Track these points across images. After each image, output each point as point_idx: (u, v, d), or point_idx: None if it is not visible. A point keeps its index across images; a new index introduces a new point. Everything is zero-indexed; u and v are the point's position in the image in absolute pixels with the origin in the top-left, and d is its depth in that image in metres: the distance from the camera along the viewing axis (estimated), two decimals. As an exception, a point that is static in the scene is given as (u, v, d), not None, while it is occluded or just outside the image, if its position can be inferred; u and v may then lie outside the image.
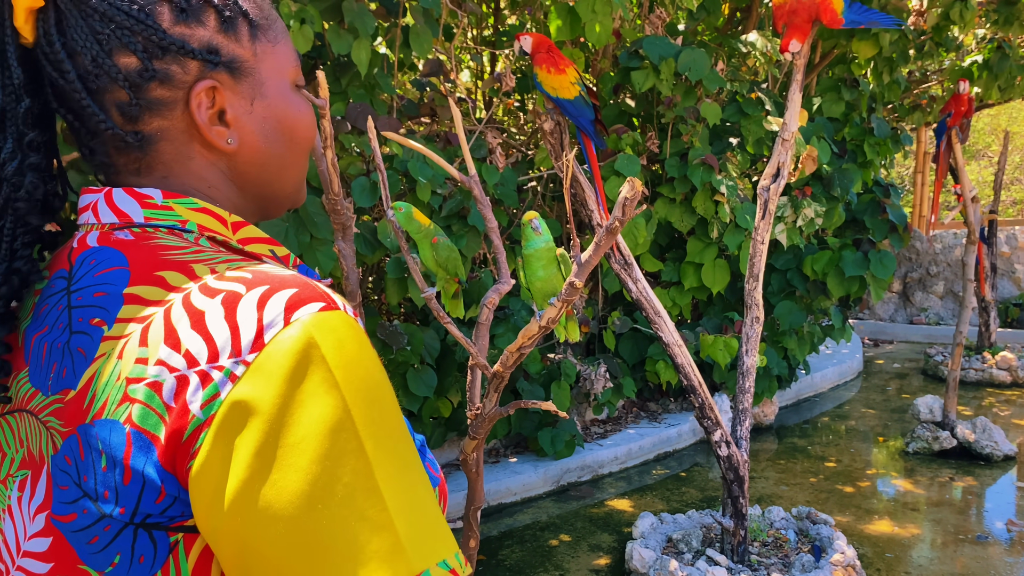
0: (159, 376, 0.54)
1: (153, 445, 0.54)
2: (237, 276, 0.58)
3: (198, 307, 0.56)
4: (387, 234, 3.56)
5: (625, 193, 1.62)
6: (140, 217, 0.65)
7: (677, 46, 4.75)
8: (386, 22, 3.77)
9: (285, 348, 0.54)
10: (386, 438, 0.55)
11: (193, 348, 0.54)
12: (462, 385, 4.16)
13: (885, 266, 5.11)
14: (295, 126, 0.72)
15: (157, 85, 0.64)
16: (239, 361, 0.54)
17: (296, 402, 0.53)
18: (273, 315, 0.55)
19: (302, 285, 0.58)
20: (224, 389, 0.53)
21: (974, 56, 6.69)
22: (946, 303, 9.65)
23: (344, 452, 0.53)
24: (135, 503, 0.55)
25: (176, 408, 0.54)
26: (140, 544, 0.56)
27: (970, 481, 4.65)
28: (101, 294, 0.60)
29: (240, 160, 0.69)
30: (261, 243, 0.69)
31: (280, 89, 0.70)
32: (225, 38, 0.66)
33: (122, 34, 0.62)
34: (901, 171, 15.78)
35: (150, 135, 0.65)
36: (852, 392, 7.01)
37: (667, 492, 4.52)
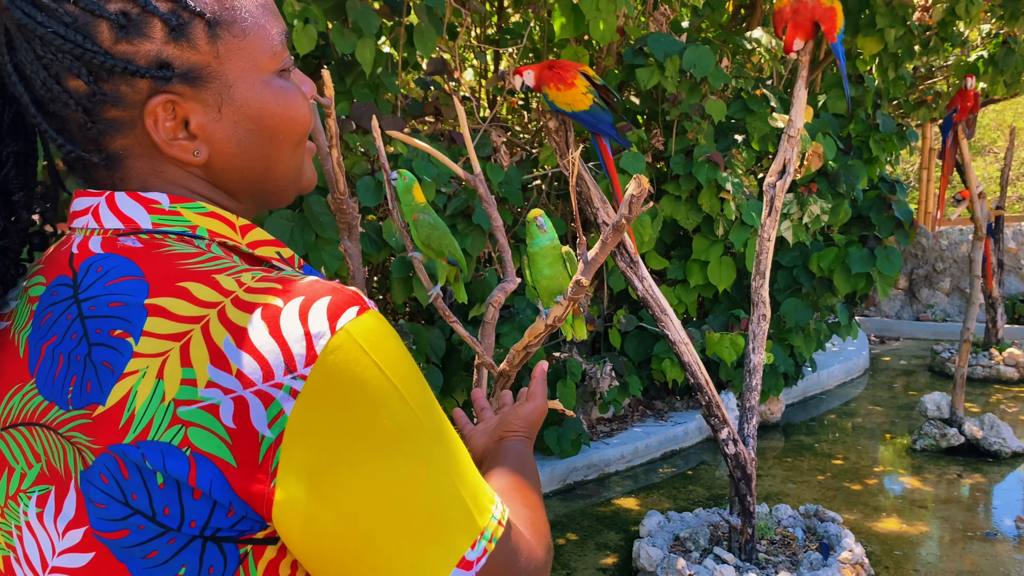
0: (214, 399, 0.54)
1: (218, 467, 0.54)
2: (268, 287, 0.58)
3: (238, 324, 0.56)
4: (392, 233, 3.55)
5: (632, 190, 1.61)
6: (148, 223, 0.63)
7: (682, 43, 4.74)
8: (390, 21, 3.77)
9: (339, 358, 0.55)
10: (435, 420, 0.60)
11: (246, 368, 0.55)
12: (468, 384, 4.16)
13: (892, 262, 5.09)
14: (276, 121, 0.67)
15: (110, 107, 0.61)
16: (296, 376, 0.55)
17: (360, 406, 0.55)
18: (319, 326, 0.56)
19: (332, 290, 0.58)
20: (287, 406, 0.54)
21: (980, 51, 6.67)
22: (953, 300, 9.61)
23: (416, 443, 0.57)
24: (206, 518, 0.56)
25: (240, 430, 0.54)
26: (209, 555, 0.57)
27: (978, 478, 4.63)
28: (118, 304, 0.58)
29: (216, 168, 0.66)
30: (268, 246, 0.69)
31: (253, 86, 0.65)
32: (177, 48, 0.60)
33: (63, 58, 0.59)
34: (907, 167, 15.74)
35: (115, 154, 0.63)
36: (859, 389, 6.99)
37: (674, 490, 4.52)
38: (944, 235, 9.54)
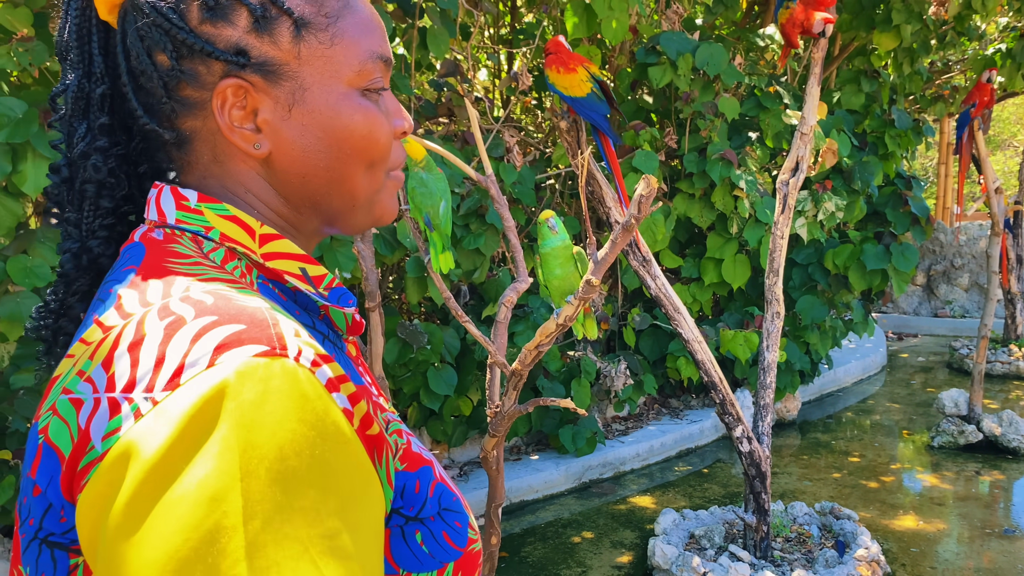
0: (83, 394, 0.51)
1: (59, 464, 0.51)
2: (198, 299, 0.53)
3: (145, 328, 0.52)
4: (406, 234, 3.58)
5: (641, 190, 1.63)
6: (172, 218, 0.63)
7: (694, 41, 4.74)
8: (403, 23, 3.80)
9: (194, 392, 0.47)
10: (283, 521, 0.45)
11: (118, 372, 0.50)
12: (482, 383, 4.18)
13: (907, 259, 5.06)
14: (346, 135, 0.65)
15: (186, 85, 0.62)
16: (148, 397, 0.48)
17: (183, 456, 0.46)
18: (200, 353, 0.49)
19: (255, 323, 0.51)
20: (126, 424, 0.48)
21: (997, 45, 6.61)
22: (971, 295, 9.54)
23: (218, 528, 0.44)
24: (40, 518, 0.52)
25: (83, 432, 0.50)
26: (43, 560, 0.53)
27: (997, 475, 4.60)
28: (110, 291, 0.59)
29: (277, 168, 0.65)
30: (290, 260, 0.65)
31: (330, 95, 0.64)
32: (257, 39, 0.62)
33: (158, 33, 0.61)
34: (924, 162, 15.61)
35: (186, 134, 0.64)
36: (876, 386, 6.95)
37: (689, 489, 4.52)
38: (962, 230, 9.47)
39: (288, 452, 0.47)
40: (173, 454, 0.46)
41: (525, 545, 3.81)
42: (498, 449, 2.27)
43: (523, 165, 4.39)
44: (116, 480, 0.47)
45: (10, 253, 2.61)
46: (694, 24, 5.64)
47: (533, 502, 4.31)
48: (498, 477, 2.31)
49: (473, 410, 4.24)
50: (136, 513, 0.45)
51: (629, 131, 4.77)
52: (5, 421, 2.84)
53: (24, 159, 2.52)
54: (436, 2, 3.61)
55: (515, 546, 3.80)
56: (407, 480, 0.63)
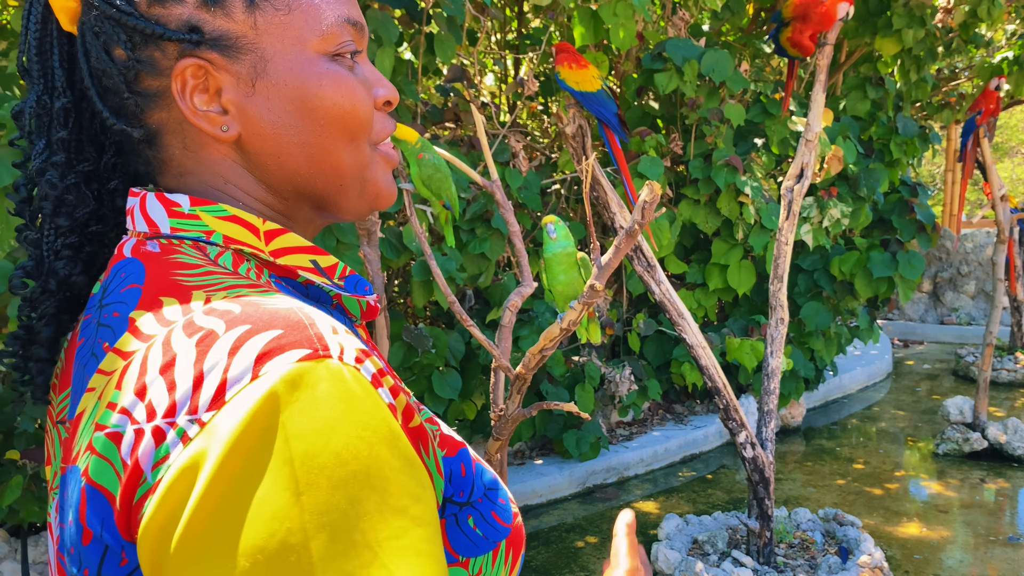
0: (120, 427, 0.48)
1: (110, 505, 0.48)
2: (224, 310, 0.50)
3: (174, 348, 0.49)
4: (412, 238, 3.60)
5: (644, 197, 1.64)
6: (167, 227, 0.59)
7: (700, 48, 4.75)
8: (410, 29, 3.82)
9: (241, 409, 0.45)
10: (348, 528, 0.44)
11: (155, 398, 0.47)
12: (486, 388, 4.19)
13: (914, 267, 5.06)
14: (318, 104, 0.60)
15: (145, 75, 0.59)
16: (194, 420, 0.46)
17: (240, 477, 0.44)
18: (241, 365, 0.46)
19: (291, 325, 0.49)
20: (175, 451, 0.46)
21: (1004, 52, 6.61)
22: (978, 303, 9.52)
23: (284, 547, 0.43)
24: (98, 566, 0.49)
25: (130, 466, 0.47)
26: None
27: (1002, 483, 4.59)
28: (116, 315, 0.55)
29: (250, 150, 0.61)
30: (300, 253, 0.62)
31: (294, 64, 0.60)
32: (209, 13, 0.58)
33: (110, 25, 0.58)
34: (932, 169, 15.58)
35: (153, 129, 0.61)
36: (881, 393, 6.94)
37: (693, 494, 4.52)
38: (969, 238, 9.46)
39: (346, 457, 0.45)
40: (228, 475, 0.44)
41: (528, 549, 3.82)
42: (502, 452, 2.28)
43: (529, 170, 4.41)
44: (174, 508, 0.45)
45: (18, 255, 2.64)
46: (700, 30, 5.66)
47: (537, 506, 4.31)
48: (502, 481, 2.32)
49: (477, 414, 4.26)
50: (201, 539, 0.43)
51: (635, 137, 4.78)
52: (13, 422, 2.86)
53: (34, 162, 2.54)
54: (443, 8, 3.63)
55: (518, 550, 3.80)
56: (452, 465, 0.61)
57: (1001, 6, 5.70)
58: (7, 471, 2.86)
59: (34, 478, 2.83)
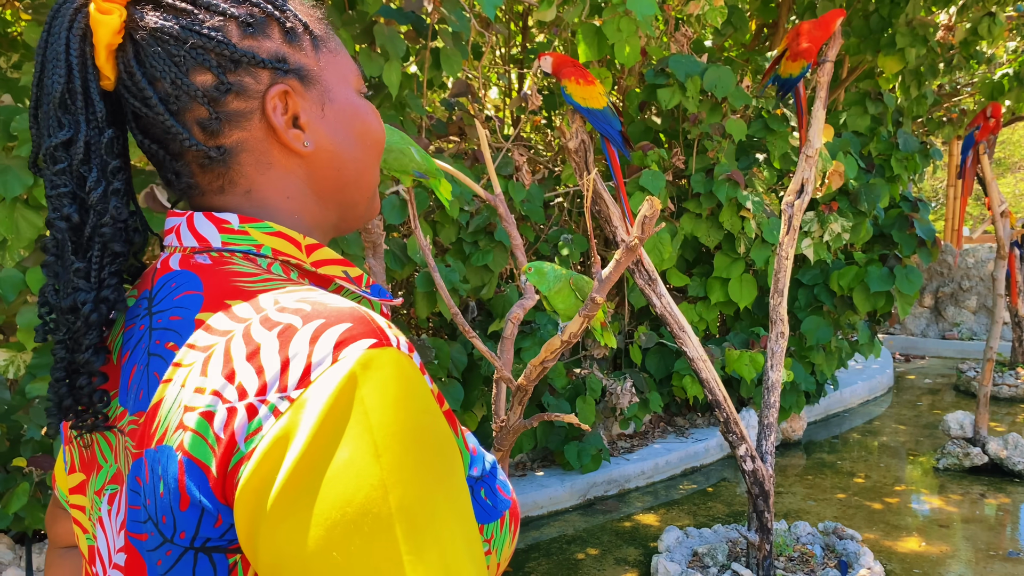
0: (212, 406, 0.55)
1: (205, 474, 0.55)
2: (296, 308, 0.58)
3: (256, 339, 0.57)
4: (416, 250, 3.64)
5: (644, 212, 1.67)
6: (218, 242, 0.66)
7: (703, 64, 4.80)
8: (416, 44, 3.87)
9: (328, 386, 0.53)
10: (419, 488, 0.53)
11: (245, 380, 0.55)
12: (488, 399, 4.22)
13: (911, 282, 5.09)
14: (365, 129, 0.74)
15: (233, 97, 0.67)
16: (284, 396, 0.54)
17: (329, 443, 0.52)
18: (323, 351, 0.55)
19: (358, 320, 0.57)
20: (267, 424, 0.54)
21: (1005, 69, 6.66)
22: (979, 318, 9.53)
23: (368, 500, 0.51)
24: (195, 528, 0.56)
25: (225, 439, 0.54)
26: (200, 568, 0.57)
27: (1002, 498, 4.60)
28: (176, 318, 0.62)
29: (317, 164, 0.72)
30: (335, 264, 0.71)
31: (346, 95, 0.73)
32: (291, 48, 0.69)
33: (196, 53, 0.65)
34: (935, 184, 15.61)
35: (231, 147, 0.68)
36: (882, 408, 6.95)
37: (694, 507, 4.53)
38: (970, 253, 9.48)
39: (410, 427, 0.54)
40: (320, 441, 0.52)
41: (529, 561, 3.83)
42: (503, 463, 2.30)
43: (532, 183, 4.45)
44: (269, 472, 0.52)
45: (29, 264, 2.67)
46: (703, 46, 5.71)
47: (538, 518, 4.33)
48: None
49: (479, 425, 4.28)
50: (296, 495, 0.51)
51: (637, 151, 4.82)
52: (20, 429, 2.89)
53: (45, 173, 2.58)
54: (449, 24, 3.68)
55: (519, 562, 3.82)
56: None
57: (1002, 24, 5.74)
58: (13, 478, 2.88)
59: (40, 485, 2.85)
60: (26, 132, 2.52)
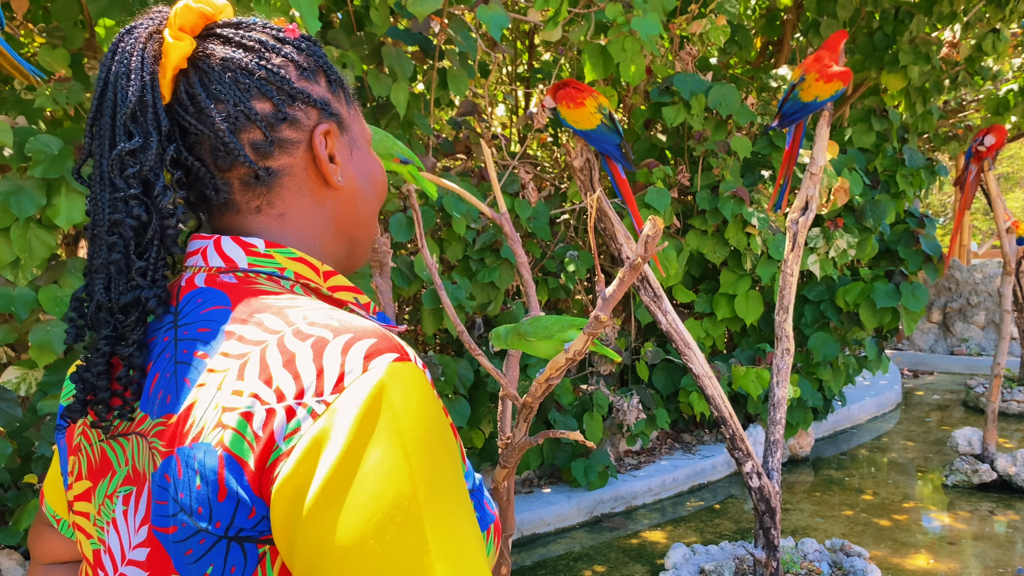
0: (251, 408, 0.61)
1: (243, 469, 0.60)
2: (326, 323, 0.65)
3: (290, 348, 0.63)
4: (423, 268, 3.66)
5: (647, 231, 1.69)
6: (244, 263, 0.73)
7: (707, 82, 4.83)
8: (423, 65, 3.92)
9: (361, 393, 0.60)
10: (439, 485, 0.60)
11: (283, 385, 0.61)
12: (494, 415, 4.23)
13: (917, 298, 5.09)
14: (377, 177, 0.84)
15: (287, 126, 0.75)
16: (321, 400, 0.60)
17: (363, 444, 0.58)
18: (354, 362, 0.61)
19: (381, 336, 0.64)
20: (305, 424, 0.59)
21: (1010, 85, 6.68)
22: (988, 333, 9.49)
23: (400, 494, 0.58)
24: (230, 518, 0.61)
25: (263, 437, 0.60)
26: (232, 556, 0.62)
27: (1011, 515, 4.57)
28: (204, 330, 0.67)
29: (342, 199, 0.80)
30: (347, 291, 0.78)
31: (365, 147, 0.84)
32: (333, 97, 0.80)
33: (261, 84, 0.74)
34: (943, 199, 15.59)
35: (277, 170, 0.75)
36: (891, 424, 6.93)
37: (701, 524, 4.52)
38: (978, 268, 9.45)
39: (433, 431, 0.62)
40: (356, 442, 0.58)
41: (536, 577, 3.83)
42: (509, 480, 2.31)
43: (538, 201, 4.48)
44: (308, 469, 0.58)
45: (42, 283, 2.71)
46: (708, 64, 5.75)
47: (545, 535, 4.33)
48: (508, 508, 2.36)
49: (485, 442, 4.29)
50: (335, 491, 0.57)
51: (643, 168, 4.85)
52: (31, 446, 2.92)
53: (58, 193, 2.63)
54: (456, 45, 3.73)
55: (526, 578, 3.82)
56: None
57: (1006, 40, 5.77)
58: (24, 495, 2.91)
59: (50, 502, 2.87)
60: (40, 153, 2.56)
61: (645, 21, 3.55)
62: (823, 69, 3.05)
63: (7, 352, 3.17)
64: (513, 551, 3.86)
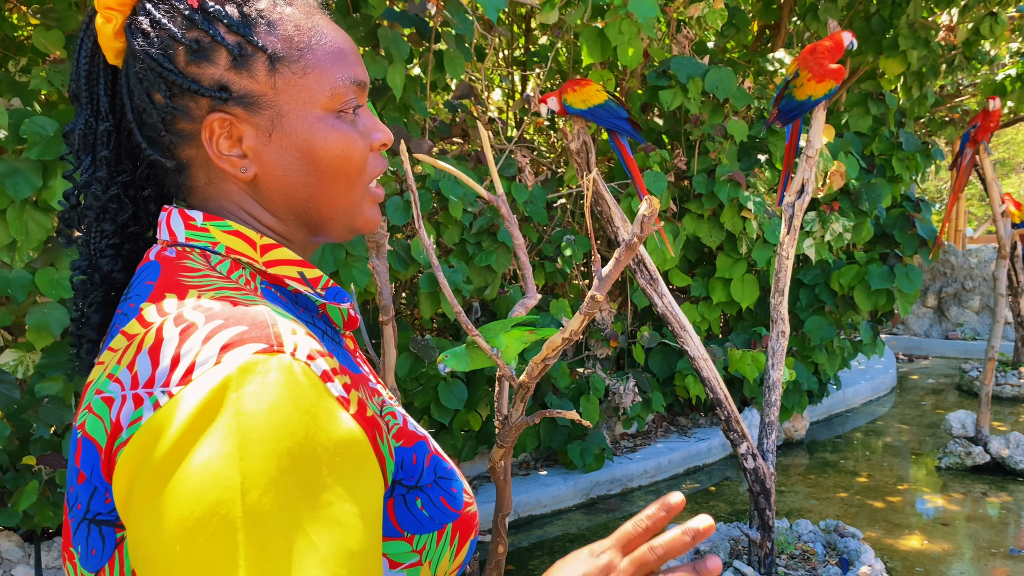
0: (113, 392, 0.59)
1: (97, 452, 0.59)
2: (207, 307, 0.61)
3: (164, 334, 0.60)
4: (420, 251, 3.67)
5: (643, 211, 1.70)
6: (183, 237, 0.70)
7: (704, 65, 4.83)
8: (420, 47, 3.90)
9: (204, 386, 0.55)
10: (279, 493, 0.52)
11: (140, 371, 0.59)
12: (491, 399, 4.25)
13: (912, 280, 5.11)
14: (322, 155, 0.71)
15: (180, 119, 0.70)
16: (166, 391, 0.56)
17: (192, 441, 0.53)
18: (209, 352, 0.57)
19: (256, 324, 0.59)
20: (147, 414, 0.56)
21: (1007, 70, 6.68)
22: (983, 318, 9.53)
23: (219, 501, 0.52)
24: (87, 501, 0.60)
25: (115, 423, 0.58)
26: (93, 538, 0.61)
27: (1004, 497, 4.61)
28: (132, 305, 0.66)
29: (262, 187, 0.73)
30: (289, 265, 0.73)
31: (305, 119, 0.71)
32: (236, 75, 0.69)
33: (152, 76, 0.69)
34: (939, 184, 15.61)
35: (184, 162, 0.72)
36: (885, 407, 6.97)
37: (696, 506, 4.56)
38: (973, 253, 9.48)
39: (283, 434, 0.54)
40: (184, 439, 0.54)
41: (532, 559, 3.86)
42: (506, 460, 2.33)
43: (535, 184, 4.48)
44: (139, 460, 0.55)
45: (38, 265, 2.71)
46: (705, 48, 5.74)
47: (541, 517, 4.36)
48: (505, 487, 2.38)
49: (482, 425, 4.31)
50: (153, 488, 0.53)
51: (639, 152, 4.85)
52: (29, 428, 2.93)
53: (54, 175, 2.62)
54: (452, 27, 3.72)
55: (523, 560, 3.85)
56: (405, 454, 0.71)
57: (1003, 23, 5.76)
58: (23, 477, 2.92)
59: (49, 483, 2.89)
60: (35, 135, 2.56)
61: (642, 4, 3.54)
62: (816, 66, 3.02)
63: (4, 335, 3.18)
64: (510, 532, 3.89)
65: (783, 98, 3.12)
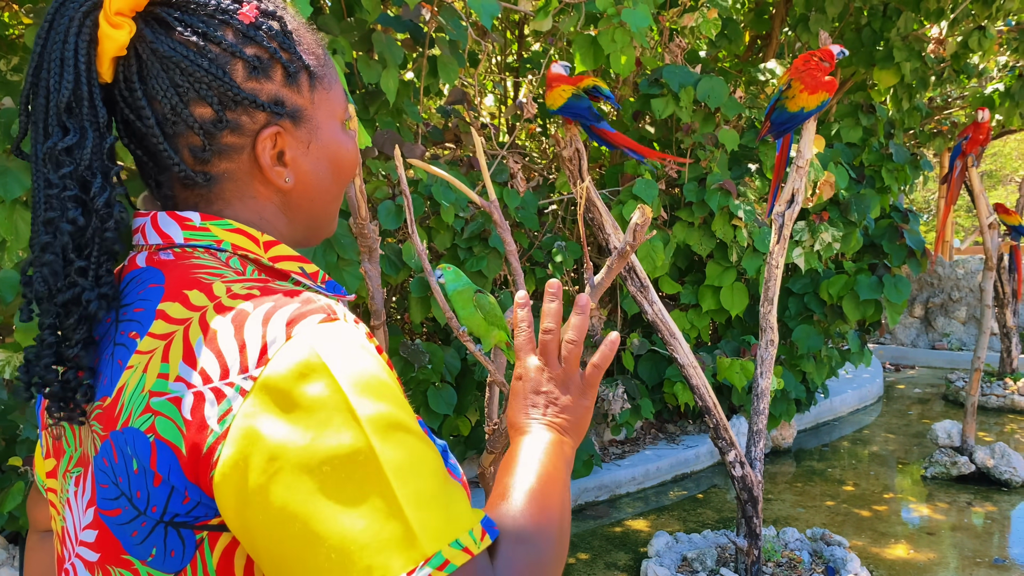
0: (179, 392, 0.60)
1: (175, 455, 0.59)
2: (247, 295, 0.63)
3: (212, 326, 0.61)
4: (411, 255, 3.67)
5: (636, 219, 1.71)
6: (180, 238, 0.69)
7: (696, 74, 4.85)
8: (413, 52, 3.91)
9: (288, 360, 0.58)
10: (391, 429, 0.59)
11: (207, 366, 0.60)
12: (481, 404, 4.25)
13: (900, 290, 5.14)
14: (342, 162, 0.78)
15: (228, 133, 0.70)
16: (247, 376, 0.58)
17: (302, 409, 0.57)
18: (276, 331, 0.60)
19: (303, 301, 0.63)
20: (236, 403, 0.58)
21: (996, 84, 6.74)
22: (969, 328, 9.59)
23: (353, 449, 0.57)
24: (164, 504, 0.60)
25: (194, 422, 0.59)
26: (171, 540, 0.61)
27: (988, 507, 4.64)
28: (139, 310, 0.66)
29: (294, 196, 0.75)
30: (291, 261, 0.74)
31: (332, 130, 0.76)
32: (289, 91, 0.72)
33: (200, 87, 0.67)
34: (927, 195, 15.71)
35: (217, 175, 0.71)
36: (872, 416, 7.00)
37: (684, 513, 4.57)
38: (960, 264, 9.55)
39: (375, 382, 0.60)
40: (291, 410, 0.58)
41: (520, 564, 3.85)
42: (495, 466, 2.33)
43: (527, 190, 4.49)
44: (248, 446, 0.57)
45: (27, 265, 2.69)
46: (697, 57, 5.77)
47: (529, 522, 4.34)
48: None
49: (472, 430, 4.31)
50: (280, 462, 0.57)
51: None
52: (16, 429, 2.91)
53: (45, 175, 2.61)
54: (446, 32, 3.73)
55: (510, 565, 3.84)
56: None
57: (992, 37, 5.82)
58: (8, 478, 2.90)
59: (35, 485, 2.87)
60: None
61: (635, 13, 3.56)
62: (809, 78, 3.03)
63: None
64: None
65: (775, 110, 3.13)
